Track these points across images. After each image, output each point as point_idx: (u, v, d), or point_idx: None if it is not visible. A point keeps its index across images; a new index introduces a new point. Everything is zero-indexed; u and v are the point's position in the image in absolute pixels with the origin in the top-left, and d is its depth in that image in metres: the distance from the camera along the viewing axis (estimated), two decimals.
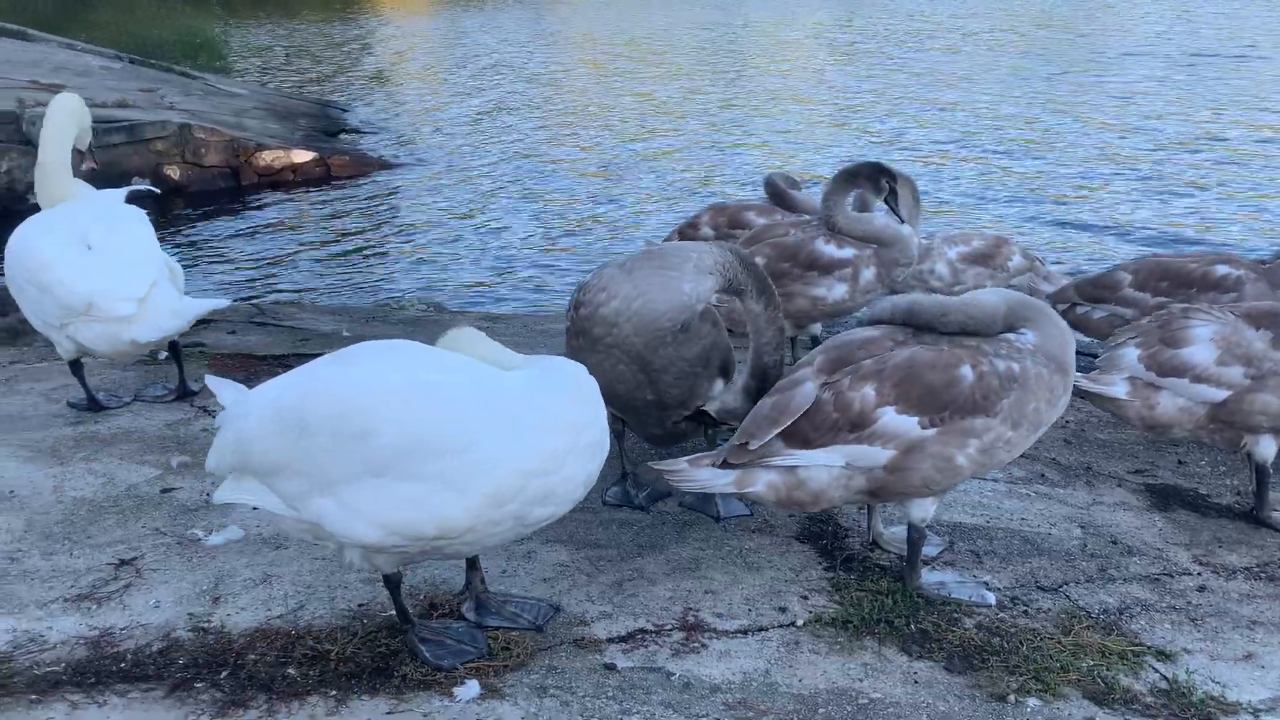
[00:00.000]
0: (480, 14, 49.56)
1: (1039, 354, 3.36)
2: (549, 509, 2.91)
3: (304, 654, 3.14)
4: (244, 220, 14.36)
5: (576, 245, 12.35)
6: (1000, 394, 3.28)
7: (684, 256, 3.75)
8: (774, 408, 3.36)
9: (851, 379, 3.32)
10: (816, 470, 3.33)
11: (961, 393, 3.26)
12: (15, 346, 6.16)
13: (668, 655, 3.19)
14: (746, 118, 20.18)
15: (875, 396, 3.28)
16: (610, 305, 3.71)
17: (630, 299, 3.69)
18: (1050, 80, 22.35)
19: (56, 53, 20.46)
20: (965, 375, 3.27)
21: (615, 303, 3.70)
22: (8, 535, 3.87)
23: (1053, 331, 3.42)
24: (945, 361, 3.30)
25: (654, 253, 3.83)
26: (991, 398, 3.27)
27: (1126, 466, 4.77)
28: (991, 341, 3.37)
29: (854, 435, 3.29)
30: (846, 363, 3.39)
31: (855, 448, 3.29)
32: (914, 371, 3.29)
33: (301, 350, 6.18)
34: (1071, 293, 5.47)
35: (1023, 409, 3.31)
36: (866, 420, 3.28)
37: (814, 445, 3.31)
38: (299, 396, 2.89)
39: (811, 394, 3.33)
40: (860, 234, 5.21)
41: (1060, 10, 36.90)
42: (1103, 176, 14.30)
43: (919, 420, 3.27)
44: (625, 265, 3.80)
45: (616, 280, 3.74)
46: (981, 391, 3.27)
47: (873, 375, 3.31)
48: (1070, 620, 3.43)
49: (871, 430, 3.28)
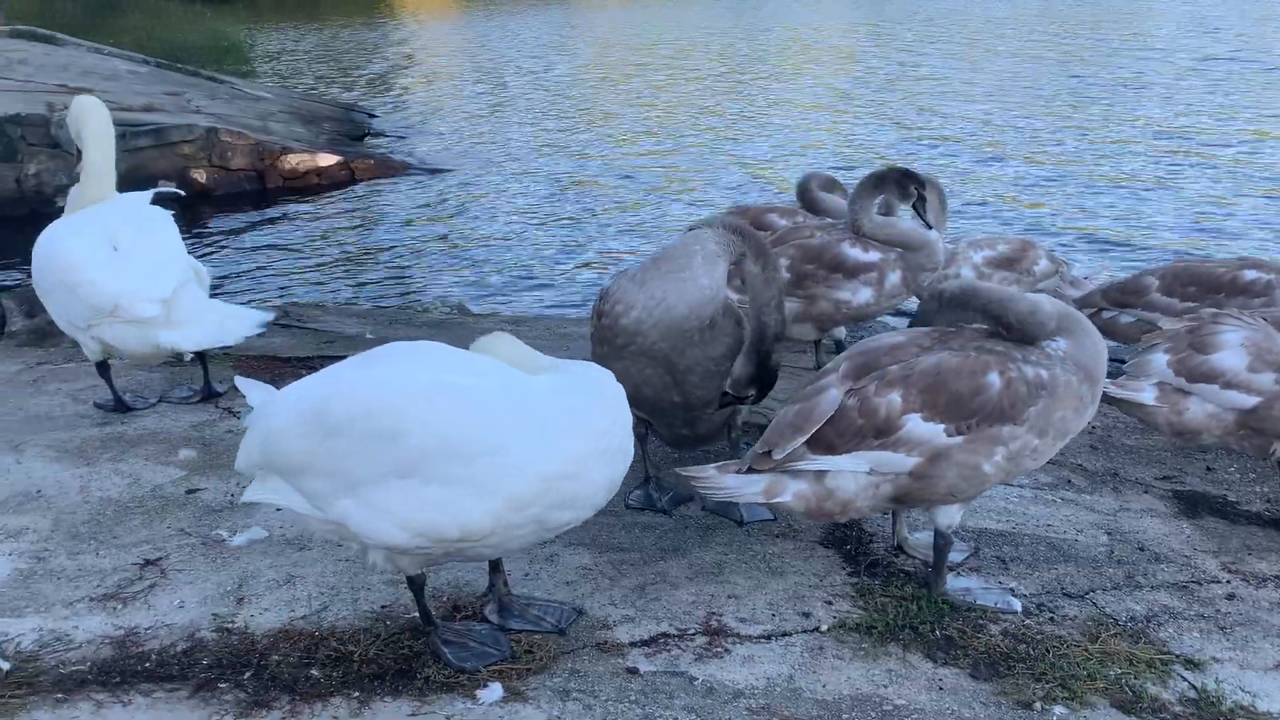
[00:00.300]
0: (504, 18, 49.70)
1: (1069, 361, 3.31)
2: (571, 513, 2.91)
3: (327, 655, 3.15)
4: (269, 223, 14.44)
5: (600, 248, 12.37)
6: (1028, 401, 3.23)
7: (690, 252, 3.75)
8: (798, 415, 3.33)
9: (877, 385, 3.29)
10: (844, 480, 3.30)
11: (989, 400, 3.22)
12: (43, 347, 6.21)
13: (691, 660, 3.18)
14: (770, 121, 20.16)
15: (901, 403, 3.24)
16: (630, 316, 3.71)
17: (649, 308, 3.69)
18: (1075, 85, 22.22)
19: (84, 57, 20.64)
20: (993, 382, 3.23)
21: (635, 313, 3.70)
22: (35, 535, 3.90)
23: (1085, 341, 3.36)
24: (972, 368, 3.25)
25: (661, 257, 3.82)
26: (1019, 405, 3.23)
27: (1154, 473, 4.72)
28: (1021, 347, 3.33)
29: (879, 442, 3.26)
30: (872, 368, 3.35)
31: (880, 454, 3.26)
32: (941, 378, 3.25)
33: (326, 352, 6.20)
34: (1098, 297, 5.44)
35: (1050, 417, 3.26)
36: (892, 427, 3.25)
37: (839, 451, 3.28)
38: (326, 397, 2.90)
39: (836, 400, 3.31)
40: (886, 238, 5.19)
41: (1086, 15, 36.68)
42: (1130, 182, 14.20)
43: (945, 428, 3.23)
44: (636, 276, 3.79)
45: (631, 292, 3.74)
46: (1009, 399, 3.22)
47: (899, 381, 3.28)
48: (1097, 628, 3.40)
49: (896, 437, 3.25)
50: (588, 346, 4.03)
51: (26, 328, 6.48)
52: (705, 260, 3.71)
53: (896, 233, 5.22)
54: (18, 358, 6.08)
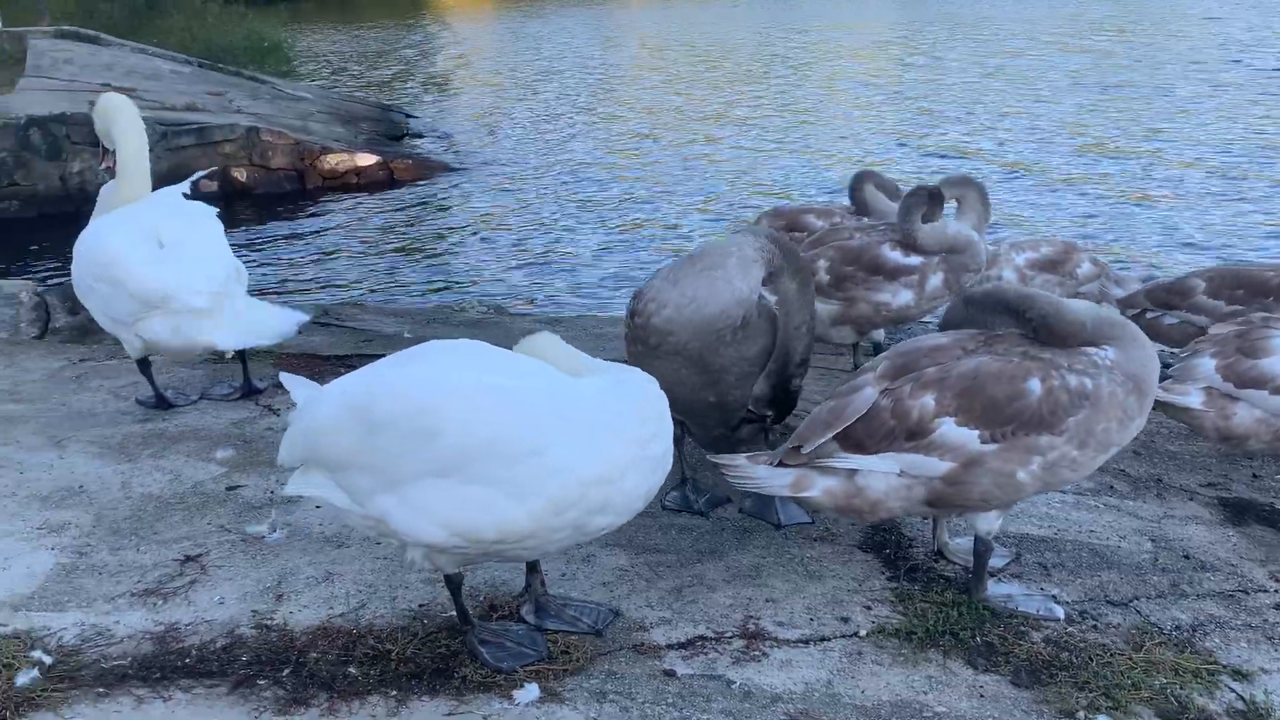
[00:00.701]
0: (541, 18, 49.84)
1: (1116, 371, 3.22)
2: (608, 519, 2.90)
3: (365, 653, 3.15)
4: (308, 222, 14.56)
5: (637, 249, 12.37)
6: (1069, 411, 3.15)
7: (726, 253, 3.73)
8: (830, 412, 3.31)
9: (912, 386, 3.25)
10: (874, 479, 3.27)
11: (1027, 407, 3.15)
12: (85, 344, 6.27)
13: (728, 663, 3.16)
14: (807, 123, 20.08)
15: (935, 406, 3.20)
16: (662, 315, 3.69)
17: (682, 306, 3.67)
18: (1117, 86, 21.99)
19: (128, 57, 20.87)
20: (1032, 389, 3.16)
21: (667, 311, 3.68)
22: (77, 530, 3.94)
23: (1135, 351, 3.27)
24: (1012, 373, 3.19)
25: (696, 256, 3.80)
26: (1059, 413, 3.15)
27: (1199, 479, 4.65)
28: (1068, 354, 3.25)
29: (910, 444, 3.21)
30: (911, 369, 3.31)
31: (912, 457, 3.22)
32: (978, 382, 3.20)
33: (364, 351, 6.23)
34: (1142, 298, 5.36)
35: (1091, 428, 3.18)
36: (924, 430, 3.20)
37: (869, 451, 3.25)
38: (370, 393, 2.90)
39: (870, 399, 3.27)
40: (939, 245, 5.13)
41: (1126, 17, 36.30)
42: (1173, 185, 14.03)
43: (979, 433, 3.18)
44: (670, 275, 3.77)
45: (664, 290, 3.72)
46: (1049, 406, 3.15)
47: (934, 384, 3.23)
48: (1141, 636, 3.35)
49: (929, 440, 3.20)
50: (622, 347, 4.02)
51: (69, 324, 6.55)
52: (741, 263, 3.69)
53: (945, 238, 5.17)
54: (61, 354, 6.15)
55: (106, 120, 5.20)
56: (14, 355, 6.09)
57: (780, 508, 4.02)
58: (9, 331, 6.47)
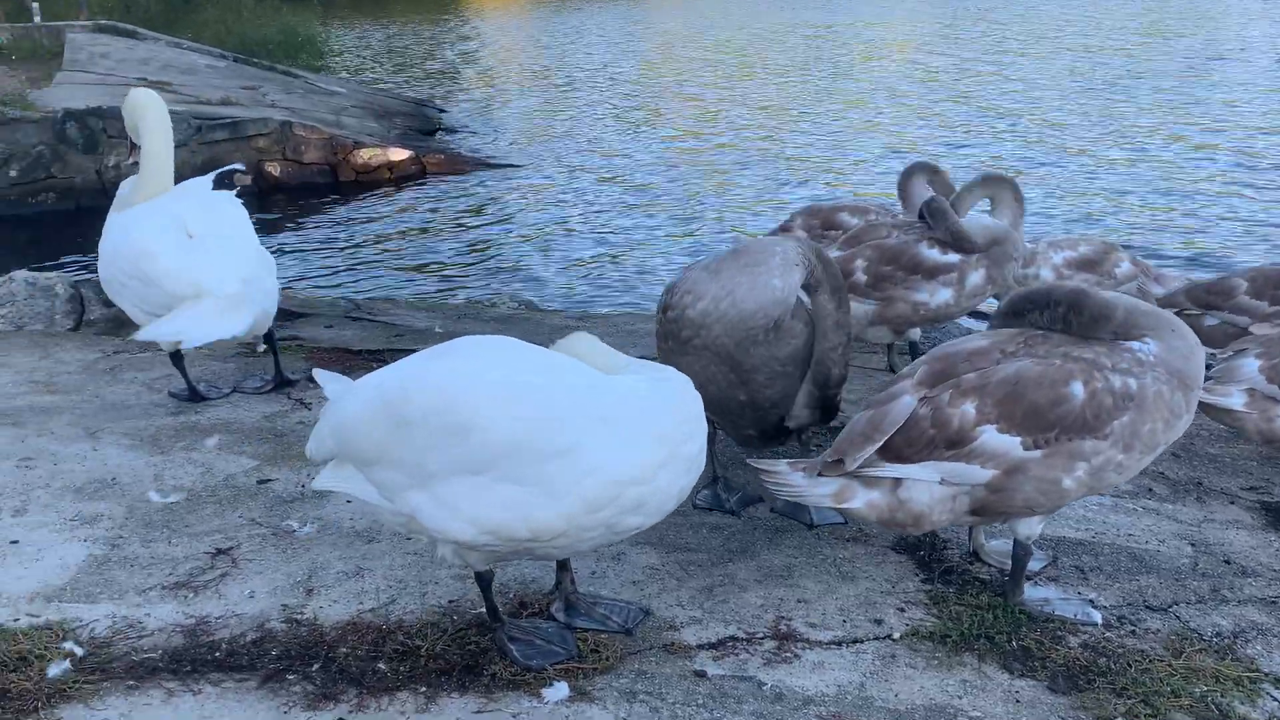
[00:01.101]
0: (576, 13, 49.85)
1: (1160, 367, 3.15)
2: (640, 518, 2.87)
3: (394, 649, 3.14)
4: (341, 216, 14.62)
5: (668, 246, 12.34)
6: (1113, 414, 3.09)
7: (770, 251, 3.68)
8: (869, 423, 3.24)
9: (952, 394, 3.18)
10: (918, 491, 3.20)
11: (1070, 411, 3.08)
12: (120, 336, 6.31)
13: (759, 664, 3.12)
14: (840, 120, 19.97)
15: (975, 414, 3.13)
16: (697, 307, 3.65)
17: (718, 299, 3.62)
18: (1156, 87, 21.74)
19: (164, 51, 21.04)
20: (1075, 393, 3.09)
21: (703, 304, 3.64)
22: (110, 522, 3.95)
23: (1177, 343, 3.20)
24: (1054, 377, 3.12)
25: (739, 250, 3.76)
26: (1103, 417, 3.08)
27: (1240, 483, 4.57)
28: (1112, 353, 3.17)
29: (951, 453, 3.15)
30: (949, 375, 3.24)
31: (953, 465, 3.15)
32: (1019, 388, 3.12)
33: (395, 346, 6.24)
34: (1182, 298, 5.28)
35: (1137, 431, 3.11)
36: (965, 438, 3.13)
37: (909, 461, 3.19)
38: (402, 388, 2.88)
39: (909, 408, 3.20)
40: (986, 238, 5.05)
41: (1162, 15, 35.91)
42: (1213, 186, 13.85)
43: (1021, 440, 3.11)
44: (711, 266, 3.73)
45: (703, 281, 3.68)
46: (1092, 410, 3.08)
47: (974, 391, 3.16)
48: (1181, 642, 3.28)
49: (970, 449, 3.13)
50: (654, 344, 3.99)
51: (104, 316, 6.59)
52: (783, 263, 3.64)
53: (988, 229, 5.09)
54: (95, 346, 6.19)
55: (134, 115, 5.21)
56: (49, 347, 6.13)
57: (813, 507, 3.98)
58: (44, 323, 6.53)
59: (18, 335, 6.39)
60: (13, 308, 6.55)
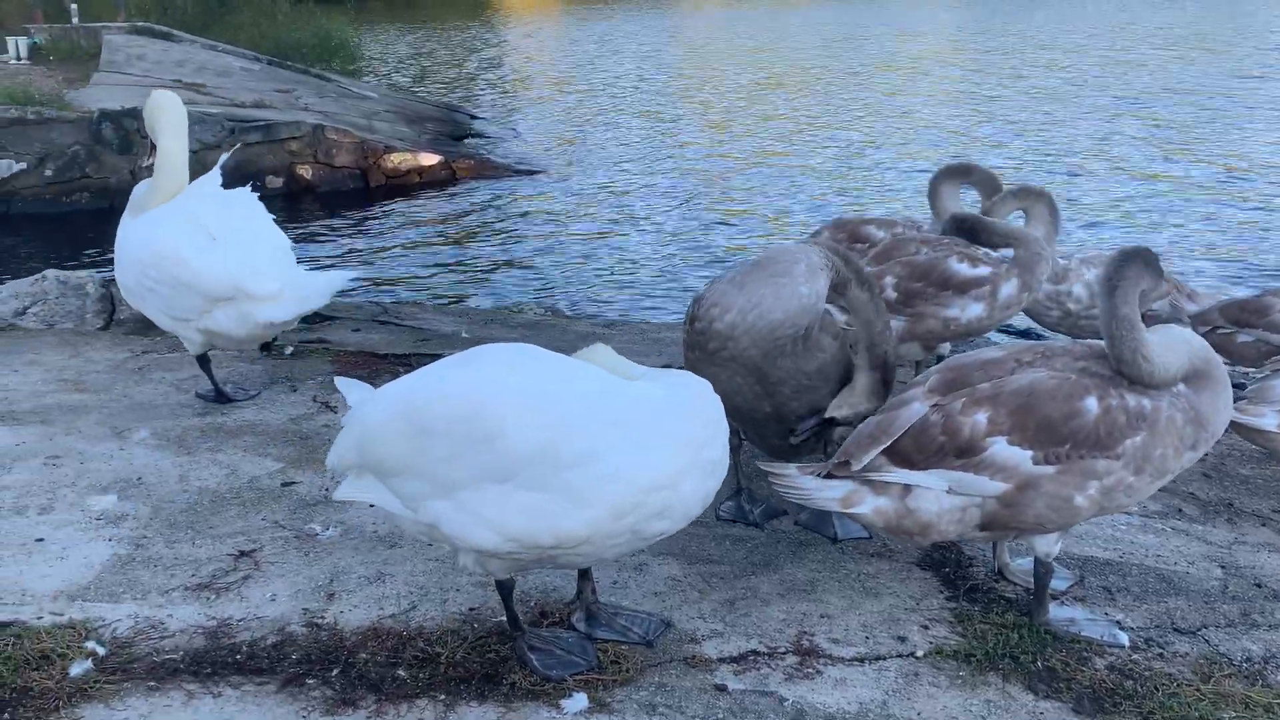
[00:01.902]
0: (610, 19, 49.97)
1: (1182, 399, 3.11)
2: (665, 524, 2.85)
3: (414, 656, 3.13)
4: (370, 220, 14.68)
5: (696, 255, 12.32)
6: (1125, 433, 3.05)
7: (794, 259, 3.65)
8: (877, 426, 3.24)
9: (964, 402, 3.15)
10: (927, 500, 3.17)
11: (1082, 426, 3.05)
12: (149, 336, 6.35)
13: (780, 679, 3.10)
14: (867, 133, 19.91)
15: (986, 424, 3.10)
16: (724, 320, 3.62)
17: (745, 311, 3.60)
18: (1186, 102, 21.56)
19: (199, 53, 21.22)
20: (1089, 408, 3.06)
21: (730, 316, 3.61)
22: (134, 522, 3.97)
23: (1207, 392, 3.14)
24: (1068, 391, 3.08)
25: (763, 261, 3.73)
26: (1115, 434, 3.05)
27: (1272, 505, 4.50)
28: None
29: (960, 462, 3.12)
30: (962, 384, 3.22)
31: (961, 475, 3.12)
32: (1032, 400, 3.09)
33: (422, 350, 6.25)
34: (1216, 315, 5.21)
35: (1148, 453, 3.07)
36: (975, 448, 3.10)
37: (918, 467, 3.16)
38: (423, 397, 2.88)
39: (918, 413, 3.19)
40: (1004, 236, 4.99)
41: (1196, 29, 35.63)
42: (1248, 202, 13.72)
43: (1032, 454, 3.08)
44: (736, 279, 3.70)
45: (729, 294, 3.66)
46: (1105, 427, 3.04)
47: (987, 401, 3.13)
48: (1210, 667, 3.23)
49: (979, 459, 3.10)
50: (680, 353, 3.97)
51: (134, 316, 6.62)
52: (809, 270, 3.61)
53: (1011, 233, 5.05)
54: (124, 346, 6.23)
55: (152, 116, 5.24)
56: (79, 346, 6.18)
57: (837, 521, 3.95)
58: (75, 322, 6.58)
59: (49, 333, 6.45)
60: (44, 306, 6.61)
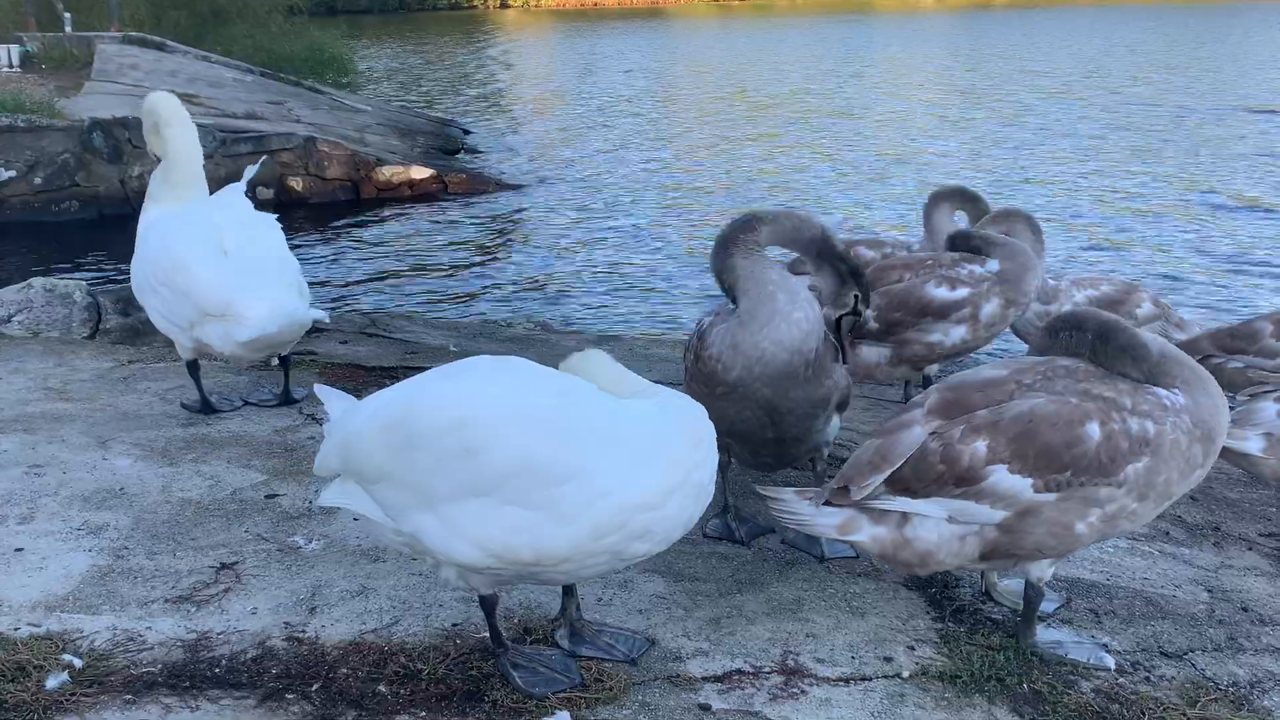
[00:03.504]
0: (604, 38, 50.11)
1: (1185, 415, 3.07)
2: (647, 545, 2.83)
3: (396, 671, 3.10)
4: (361, 233, 14.66)
5: (687, 273, 12.33)
6: (1128, 458, 3.01)
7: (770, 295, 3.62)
8: (877, 452, 3.18)
9: (963, 430, 3.10)
10: (925, 530, 3.14)
11: (1084, 453, 3.00)
12: (135, 346, 6.32)
13: (765, 699, 3.07)
14: (861, 156, 19.97)
15: (986, 452, 3.05)
16: (732, 375, 3.64)
17: (749, 365, 3.61)
18: (1179, 131, 21.68)
19: (192, 64, 21.21)
20: (1090, 434, 3.01)
21: (736, 372, 3.63)
22: (115, 532, 3.93)
23: (1203, 398, 3.12)
24: (1069, 417, 3.03)
25: (745, 315, 3.65)
26: (1118, 461, 3.00)
27: (1259, 529, 4.50)
28: (1134, 393, 3.10)
29: (960, 490, 3.08)
30: (962, 405, 3.17)
31: (961, 503, 3.09)
32: (1032, 427, 3.04)
33: (409, 363, 6.22)
34: (1206, 343, 5.21)
35: (1152, 480, 3.04)
36: (975, 477, 3.06)
37: (917, 495, 3.13)
38: (409, 408, 2.86)
39: (918, 439, 3.14)
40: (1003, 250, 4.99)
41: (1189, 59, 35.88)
42: (1236, 229, 13.80)
43: (1033, 482, 3.03)
44: (730, 341, 3.66)
45: (728, 355, 3.65)
46: (1108, 453, 3.00)
47: (986, 428, 3.08)
48: (1196, 691, 3.22)
49: (979, 488, 3.06)
50: (671, 368, 3.96)
51: (120, 325, 6.60)
52: (788, 296, 3.60)
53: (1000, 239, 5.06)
54: (110, 355, 6.19)
55: (154, 115, 5.29)
56: (65, 354, 6.14)
57: (824, 540, 3.93)
58: (61, 330, 6.54)
59: (34, 341, 6.40)
60: (30, 314, 6.56)
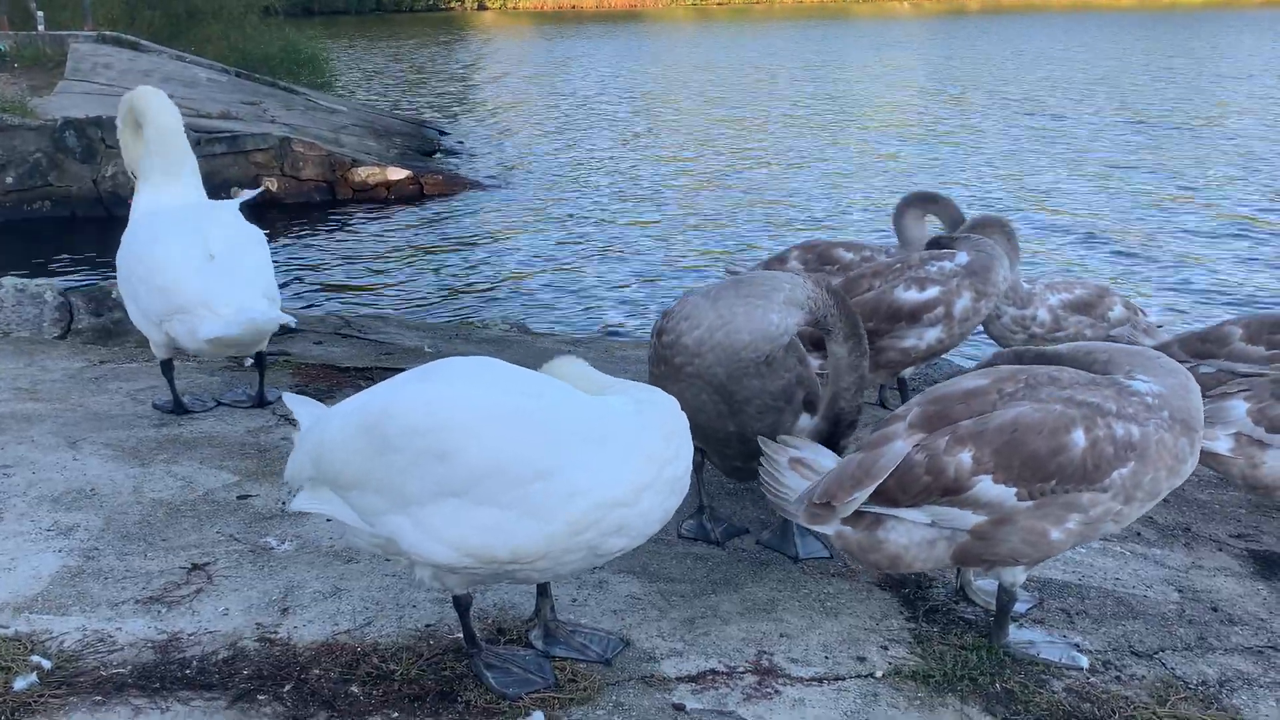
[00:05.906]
0: (583, 40, 50.10)
1: (1165, 409, 3.06)
2: (623, 540, 2.83)
3: (368, 672, 3.08)
4: (336, 234, 14.60)
5: (663, 274, 12.35)
6: (1114, 464, 2.99)
7: (774, 286, 3.63)
8: (859, 466, 3.14)
9: (948, 441, 3.07)
10: (897, 532, 3.15)
11: (1070, 461, 2.98)
12: (106, 346, 6.27)
13: (739, 699, 3.07)
14: (840, 159, 20.04)
15: (972, 463, 3.02)
16: (693, 334, 3.60)
17: (714, 328, 3.58)
18: (1162, 135, 21.86)
19: (167, 64, 21.06)
20: (1075, 441, 2.98)
21: (698, 331, 3.59)
22: (86, 533, 3.89)
23: (1170, 380, 3.11)
24: (1054, 425, 3.01)
25: (743, 280, 3.71)
26: (1104, 467, 2.98)
27: (1228, 530, 4.54)
28: (1119, 398, 3.07)
29: (946, 499, 3.07)
30: (944, 418, 3.13)
31: (945, 509, 3.09)
32: (1017, 436, 3.01)
33: (384, 364, 6.19)
34: (1176, 349, 5.24)
35: (1139, 481, 3.02)
36: (961, 487, 3.04)
37: (901, 506, 3.12)
38: (382, 411, 2.84)
39: (900, 453, 3.11)
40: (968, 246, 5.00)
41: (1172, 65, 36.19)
42: (1211, 235, 13.93)
43: (1016, 491, 3.01)
44: (711, 293, 3.68)
45: (701, 308, 3.64)
46: (1093, 460, 2.98)
47: (970, 438, 3.05)
48: (1166, 690, 3.24)
49: (964, 497, 3.05)
50: (646, 370, 3.95)
51: (92, 326, 6.55)
52: (787, 302, 3.58)
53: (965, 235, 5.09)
54: (81, 355, 6.14)
55: (138, 107, 5.30)
56: (35, 354, 6.09)
57: (799, 540, 3.95)
58: (32, 330, 6.48)
59: (4, 341, 6.34)
60: (0, 314, 6.50)
